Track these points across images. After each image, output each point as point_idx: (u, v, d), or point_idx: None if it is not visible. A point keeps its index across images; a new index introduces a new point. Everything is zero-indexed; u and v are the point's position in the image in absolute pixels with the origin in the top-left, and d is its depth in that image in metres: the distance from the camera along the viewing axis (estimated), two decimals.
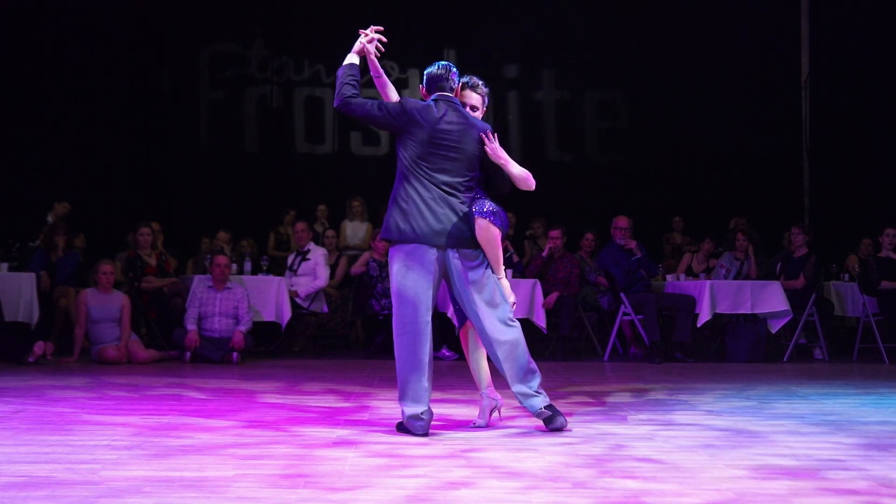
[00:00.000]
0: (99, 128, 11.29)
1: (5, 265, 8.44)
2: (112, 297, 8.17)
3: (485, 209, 4.56)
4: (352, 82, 4.57)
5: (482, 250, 4.57)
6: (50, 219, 9.74)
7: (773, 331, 9.06)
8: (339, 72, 4.60)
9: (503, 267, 4.69)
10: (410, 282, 4.45)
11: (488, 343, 4.57)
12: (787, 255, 9.56)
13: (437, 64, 4.71)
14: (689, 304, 8.75)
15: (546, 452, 4.06)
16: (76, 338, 8.15)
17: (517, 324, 4.60)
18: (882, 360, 8.84)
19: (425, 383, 4.41)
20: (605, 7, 12.16)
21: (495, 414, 4.80)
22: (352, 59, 4.64)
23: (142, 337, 8.69)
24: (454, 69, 4.68)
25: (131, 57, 11.42)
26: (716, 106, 12.03)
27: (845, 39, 11.85)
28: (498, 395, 4.73)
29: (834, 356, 9.18)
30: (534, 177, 4.70)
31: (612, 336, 8.91)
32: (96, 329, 8.06)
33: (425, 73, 4.72)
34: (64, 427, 4.58)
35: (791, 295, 8.95)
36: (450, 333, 8.82)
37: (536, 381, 4.59)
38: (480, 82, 4.77)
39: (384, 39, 4.67)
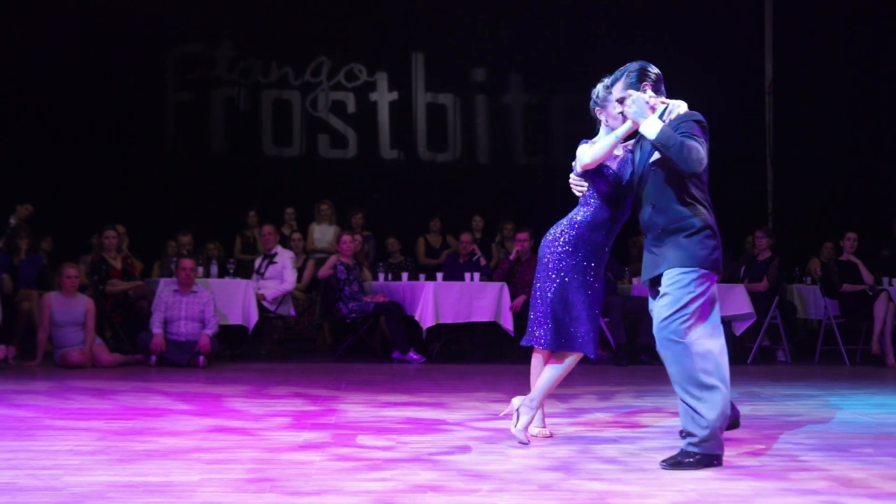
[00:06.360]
0: (63, 129, 11.15)
1: None
2: (76, 301, 8.08)
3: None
4: None
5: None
6: (12, 221, 9.61)
7: (738, 333, 9.15)
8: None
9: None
10: None
11: None
12: (751, 258, 9.67)
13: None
14: None
15: (512, 455, 4.08)
16: (39, 341, 8.05)
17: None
18: (843, 362, 8.98)
19: None
20: (572, 12, 12.22)
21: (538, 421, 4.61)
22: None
23: (107, 341, 8.59)
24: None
25: (97, 58, 11.29)
26: None
27: (809, 46, 12.01)
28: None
29: (796, 358, 9.30)
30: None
31: None
32: (60, 333, 7.97)
33: None
34: (26, 432, 4.53)
35: (755, 298, 9.05)
36: (416, 336, 8.82)
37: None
38: (599, 90, 4.48)
39: None
